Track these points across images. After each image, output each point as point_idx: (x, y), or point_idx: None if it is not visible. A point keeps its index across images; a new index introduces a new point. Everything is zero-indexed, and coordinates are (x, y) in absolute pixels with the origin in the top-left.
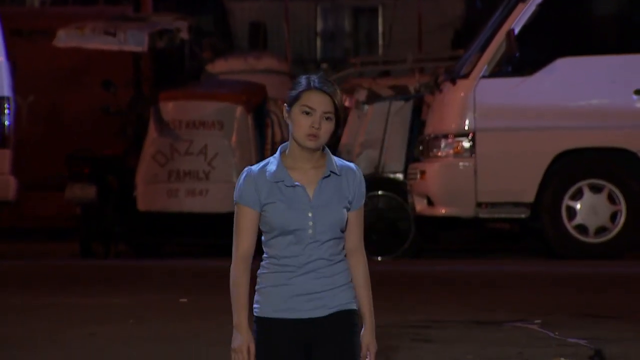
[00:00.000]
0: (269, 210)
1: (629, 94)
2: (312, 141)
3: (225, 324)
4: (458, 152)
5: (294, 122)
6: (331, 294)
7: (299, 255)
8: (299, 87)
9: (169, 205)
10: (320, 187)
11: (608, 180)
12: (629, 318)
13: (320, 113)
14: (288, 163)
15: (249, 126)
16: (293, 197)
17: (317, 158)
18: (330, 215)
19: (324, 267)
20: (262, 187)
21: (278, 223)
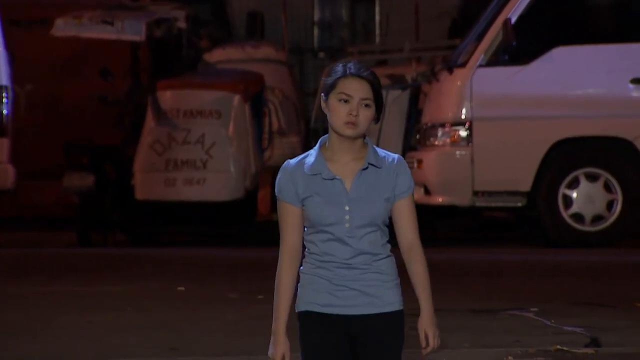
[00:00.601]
0: (307, 204)
1: (625, 82)
2: (351, 129)
3: (222, 314)
4: (455, 141)
5: (332, 111)
6: (377, 292)
7: (339, 251)
8: (334, 74)
9: (167, 194)
10: (358, 179)
11: (604, 169)
12: (625, 306)
13: (358, 100)
14: (327, 155)
15: (246, 115)
16: (330, 190)
17: (357, 149)
18: (368, 209)
19: (368, 263)
20: (299, 181)
21: (315, 217)
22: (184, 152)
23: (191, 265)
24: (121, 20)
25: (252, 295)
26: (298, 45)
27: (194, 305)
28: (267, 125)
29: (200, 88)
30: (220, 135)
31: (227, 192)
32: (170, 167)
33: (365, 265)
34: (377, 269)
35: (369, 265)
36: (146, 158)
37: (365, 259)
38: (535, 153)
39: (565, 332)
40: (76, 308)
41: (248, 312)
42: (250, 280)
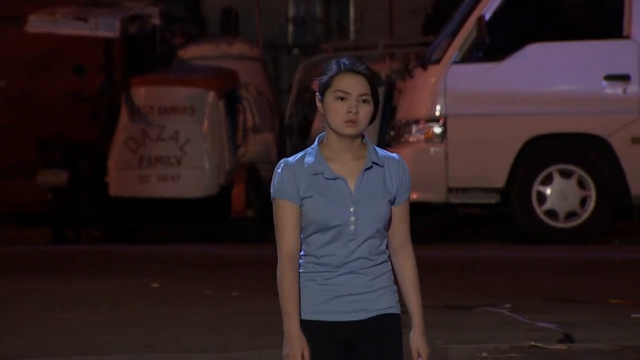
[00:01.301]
0: (307, 205)
1: (598, 79)
2: (351, 127)
3: (197, 310)
4: (429, 137)
5: (329, 111)
6: (373, 296)
7: (338, 254)
8: (329, 72)
9: (141, 190)
10: (362, 179)
11: (578, 165)
12: (598, 302)
13: (355, 96)
14: (326, 154)
15: (220, 112)
16: (334, 191)
17: (357, 148)
18: (374, 210)
19: (365, 268)
20: (300, 179)
21: (318, 218)
22: (158, 149)
23: (166, 262)
24: (95, 17)
25: (226, 291)
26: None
27: (169, 302)
28: (241, 122)
29: (175, 84)
30: (194, 131)
31: (202, 189)
32: (144, 164)
33: (361, 269)
34: (373, 275)
35: (365, 270)
36: (120, 155)
37: (362, 263)
38: (509, 150)
39: (539, 328)
40: (51, 305)
41: (223, 309)
42: (224, 277)
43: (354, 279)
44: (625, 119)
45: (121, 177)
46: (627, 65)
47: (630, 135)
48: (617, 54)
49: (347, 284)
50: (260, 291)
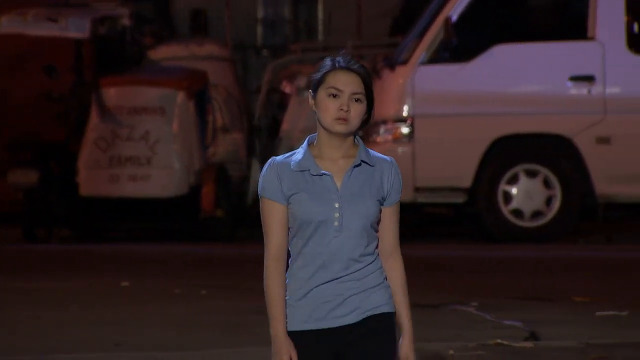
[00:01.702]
0: (293, 202)
1: (564, 80)
2: (342, 125)
3: (167, 309)
4: (397, 137)
5: (320, 107)
6: (362, 296)
7: (323, 252)
8: (323, 68)
9: (111, 190)
10: (349, 175)
11: (543, 165)
12: (563, 301)
13: (348, 94)
14: (316, 152)
15: (190, 112)
16: (319, 186)
17: (347, 147)
18: (360, 207)
19: (352, 270)
20: (285, 177)
21: (302, 214)
22: (128, 149)
23: (135, 261)
24: (65, 18)
25: (195, 290)
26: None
27: (139, 300)
28: (210, 122)
29: (145, 85)
30: (164, 132)
31: (171, 189)
32: (114, 164)
33: (349, 272)
34: (360, 276)
35: (353, 273)
36: (90, 154)
37: (349, 265)
38: (476, 150)
39: (505, 326)
40: (21, 304)
41: (192, 307)
42: (194, 276)
43: (341, 282)
44: (590, 119)
45: (91, 177)
46: (591, 66)
47: (595, 135)
48: (582, 55)
49: (334, 288)
50: (229, 289)
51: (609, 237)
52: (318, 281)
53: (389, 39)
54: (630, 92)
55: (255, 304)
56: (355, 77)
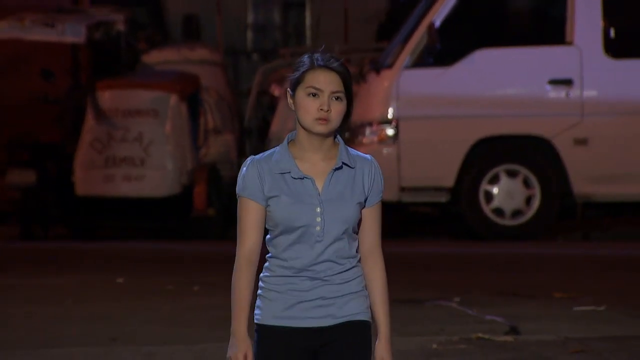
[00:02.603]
0: (272, 205)
1: (543, 83)
2: (322, 125)
3: (160, 305)
4: (382, 139)
5: (300, 107)
6: (340, 302)
7: (304, 256)
8: (301, 67)
9: (106, 190)
10: (330, 179)
11: (523, 165)
12: (542, 296)
13: (328, 93)
14: (295, 153)
15: (182, 114)
16: (300, 190)
17: (327, 147)
18: (342, 211)
19: (333, 273)
20: (265, 178)
21: (283, 218)
22: (123, 150)
23: (129, 258)
24: (62, 23)
25: (188, 286)
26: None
27: (133, 296)
28: (202, 124)
29: (139, 88)
30: (157, 133)
31: (164, 188)
32: (109, 164)
33: (327, 274)
34: (339, 280)
35: (332, 276)
36: (86, 155)
37: (329, 267)
38: (458, 151)
39: (486, 321)
40: (17, 300)
41: (184, 303)
42: (186, 273)
43: (321, 284)
44: (568, 121)
45: (87, 177)
46: (570, 70)
47: (573, 136)
48: (560, 59)
49: (313, 289)
50: (220, 286)
51: (587, 234)
52: (297, 282)
53: (374, 43)
54: (607, 95)
55: None
56: (335, 75)
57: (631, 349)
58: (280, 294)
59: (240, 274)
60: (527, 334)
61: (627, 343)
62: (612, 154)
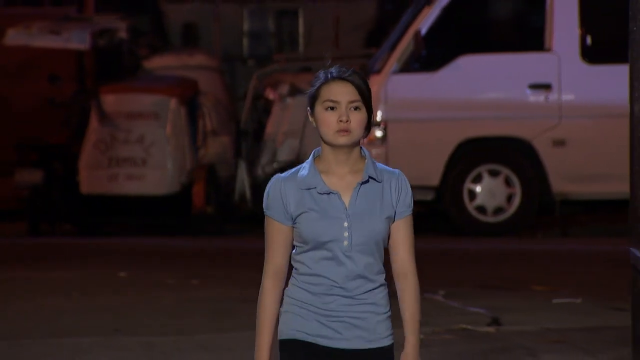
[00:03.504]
0: (299, 221)
1: (523, 88)
2: (344, 137)
3: (161, 297)
4: (371, 140)
5: (320, 122)
6: (369, 325)
7: (333, 273)
8: (316, 82)
9: (110, 188)
10: (357, 193)
11: (505, 165)
12: (523, 289)
13: (345, 104)
14: (322, 168)
15: (182, 117)
16: (327, 205)
17: (354, 161)
18: (370, 225)
19: (363, 289)
20: (290, 197)
21: (310, 234)
22: (125, 151)
23: (132, 254)
24: (68, 31)
25: (187, 280)
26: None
27: (135, 289)
28: (200, 126)
29: (140, 92)
30: (158, 135)
31: (165, 187)
32: (112, 164)
33: (359, 292)
34: (370, 300)
35: (363, 295)
36: (90, 156)
37: (360, 284)
38: (443, 151)
39: (470, 312)
40: (26, 292)
41: (184, 296)
42: (185, 268)
43: (350, 304)
44: (547, 124)
45: (91, 176)
46: (548, 75)
47: (551, 138)
48: (539, 65)
49: (342, 309)
50: (218, 279)
51: (564, 231)
52: (327, 299)
53: (364, 50)
54: (584, 98)
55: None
56: (349, 86)
57: (606, 338)
58: (308, 312)
59: (268, 293)
60: (508, 325)
61: (602, 333)
62: (588, 155)
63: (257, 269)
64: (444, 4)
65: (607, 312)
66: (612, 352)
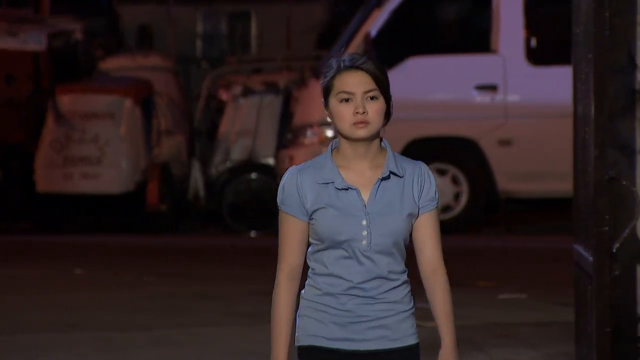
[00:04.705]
0: (316, 218)
1: (470, 89)
2: (362, 129)
3: (117, 294)
4: (322, 140)
5: (335, 116)
6: (393, 322)
7: (352, 273)
8: (328, 72)
9: (65, 187)
10: (377, 189)
11: (452, 164)
12: (469, 285)
13: (360, 94)
14: (340, 162)
15: (136, 117)
16: (345, 202)
17: (374, 154)
18: (389, 224)
19: (383, 291)
20: (307, 191)
21: (326, 232)
22: (81, 150)
23: (88, 251)
24: (24, 32)
25: (142, 277)
26: (183, 55)
27: (91, 286)
28: (155, 126)
29: (95, 92)
30: (113, 134)
31: (120, 185)
32: (68, 163)
33: (378, 292)
34: (392, 298)
35: (383, 294)
36: (46, 155)
37: (379, 284)
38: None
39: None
40: None
41: (139, 292)
42: (140, 264)
43: (370, 304)
44: (492, 124)
45: (47, 175)
46: (494, 76)
47: (497, 138)
48: (486, 66)
49: (364, 308)
50: (173, 276)
51: (509, 228)
52: (345, 300)
53: (314, 51)
54: (528, 99)
55: (197, 289)
56: (364, 75)
57: (551, 333)
58: (326, 315)
59: (283, 293)
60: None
61: (547, 328)
62: (533, 154)
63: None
64: (393, 7)
65: (551, 308)
66: (557, 346)
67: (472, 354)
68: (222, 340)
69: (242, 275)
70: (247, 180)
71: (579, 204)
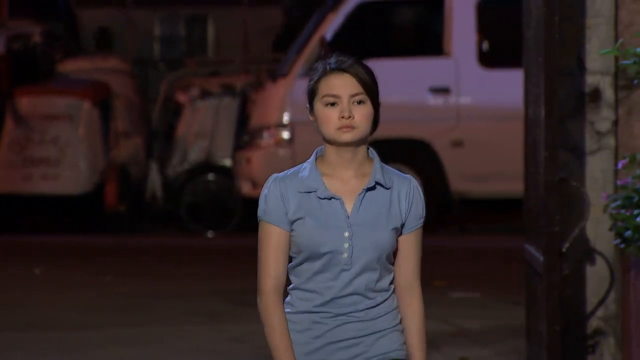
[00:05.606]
0: (296, 228)
1: (423, 91)
2: (348, 133)
3: (76, 293)
4: (278, 142)
5: (320, 120)
6: (370, 340)
7: (328, 287)
8: (314, 75)
9: (25, 187)
10: (361, 200)
11: (407, 165)
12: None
13: (347, 98)
14: (324, 169)
15: (95, 119)
16: (327, 212)
17: (360, 162)
18: (373, 237)
19: (360, 309)
20: (290, 197)
21: (306, 244)
22: (40, 151)
23: (47, 251)
24: None
25: (101, 277)
26: (141, 58)
27: (50, 286)
28: (113, 128)
29: (54, 94)
30: (72, 136)
31: (78, 186)
32: (27, 164)
33: (355, 310)
34: (370, 316)
35: (361, 312)
36: (5, 156)
37: (357, 300)
38: None
39: None
40: None
41: (98, 292)
42: (99, 264)
43: (347, 321)
44: (446, 126)
45: (6, 176)
46: (447, 79)
47: (450, 139)
48: (439, 69)
49: (337, 327)
50: (131, 276)
51: (463, 228)
52: (319, 318)
53: (271, 54)
54: (480, 101)
55: (155, 288)
56: (350, 77)
57: (501, 331)
58: (301, 334)
59: (273, 312)
60: None
61: (499, 326)
62: (485, 155)
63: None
64: (347, 10)
65: (503, 306)
66: (508, 344)
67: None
68: (181, 339)
69: (200, 275)
70: (205, 181)
71: (530, 204)
